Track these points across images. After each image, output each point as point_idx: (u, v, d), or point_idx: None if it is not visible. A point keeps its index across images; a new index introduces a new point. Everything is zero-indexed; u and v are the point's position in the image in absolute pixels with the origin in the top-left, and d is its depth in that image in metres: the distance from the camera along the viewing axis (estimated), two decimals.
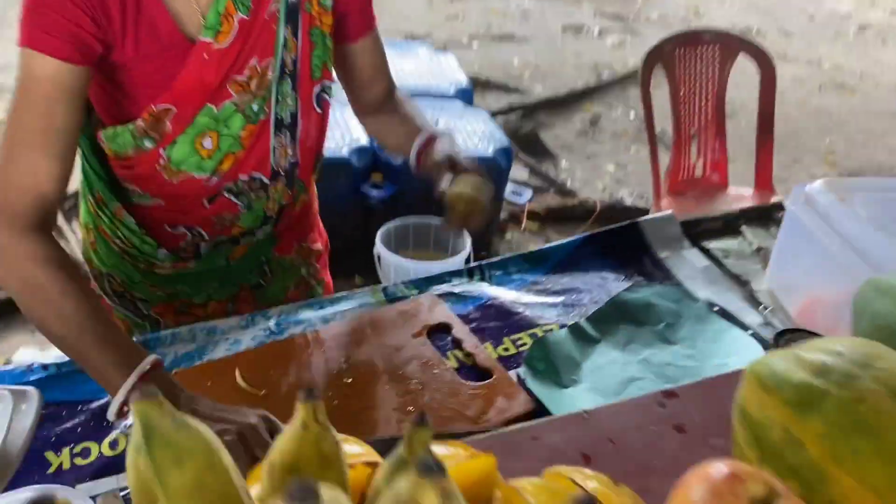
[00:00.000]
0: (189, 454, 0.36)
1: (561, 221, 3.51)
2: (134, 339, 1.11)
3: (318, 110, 1.16)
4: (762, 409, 0.50)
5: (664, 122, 2.82)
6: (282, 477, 0.40)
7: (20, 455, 0.78)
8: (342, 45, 1.17)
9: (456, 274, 1.26)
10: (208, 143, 1.05)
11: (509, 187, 3.10)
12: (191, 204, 1.11)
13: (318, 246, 1.36)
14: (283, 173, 1.15)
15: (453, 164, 1.13)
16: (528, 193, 3.04)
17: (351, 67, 1.20)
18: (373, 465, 0.49)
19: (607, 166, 4.06)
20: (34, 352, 2.52)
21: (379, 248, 2.72)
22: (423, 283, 1.24)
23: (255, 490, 0.43)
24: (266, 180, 1.13)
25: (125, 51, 0.97)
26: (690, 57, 2.72)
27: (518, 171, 3.77)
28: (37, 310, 0.87)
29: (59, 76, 0.90)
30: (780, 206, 1.49)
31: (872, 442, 0.47)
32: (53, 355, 2.55)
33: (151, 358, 0.86)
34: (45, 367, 1.04)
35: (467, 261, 2.85)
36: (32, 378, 1.02)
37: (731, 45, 2.73)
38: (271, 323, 1.14)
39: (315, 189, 1.32)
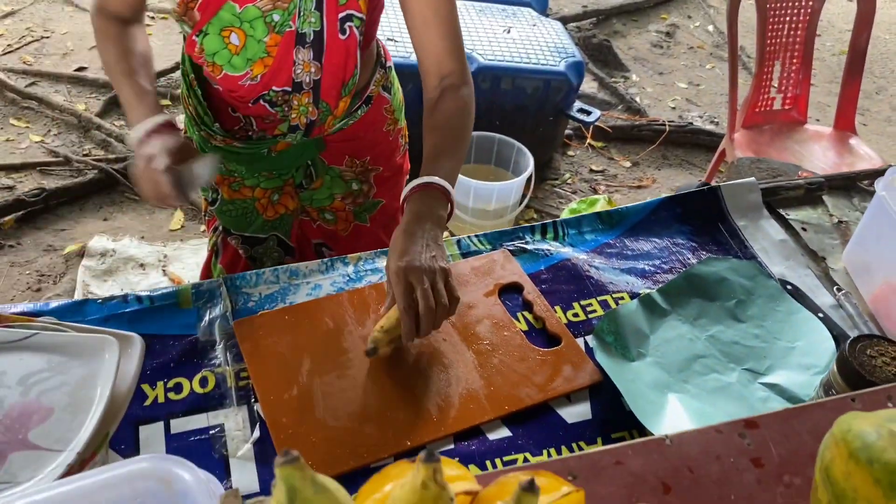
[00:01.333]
0: None
1: (627, 141, 3.44)
2: (231, 275, 1.17)
3: (342, 36, 1.16)
4: (849, 478, 0.52)
5: (743, 39, 2.66)
6: None
7: (127, 398, 0.85)
8: None
9: (528, 230, 1.27)
10: (235, 39, 1.12)
11: (577, 104, 3.03)
12: (237, 100, 1.23)
13: (381, 169, 1.41)
14: (305, 87, 1.19)
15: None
16: (595, 114, 2.97)
17: (405, 11, 1.16)
18: (471, 494, 0.53)
19: (680, 83, 3.93)
20: (106, 240, 2.63)
21: None
22: (496, 238, 1.25)
23: None
24: (289, 90, 1.19)
25: None
26: None
27: (587, 84, 3.67)
28: (101, 51, 1.20)
29: None
30: (865, 175, 1.45)
31: None
32: (124, 244, 2.63)
33: (162, 118, 1.10)
34: (139, 299, 1.10)
35: (528, 181, 2.84)
36: (128, 310, 1.08)
37: None
38: (350, 269, 1.18)
39: (392, 119, 1.39)
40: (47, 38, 3.64)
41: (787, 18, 2.62)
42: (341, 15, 1.15)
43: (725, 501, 0.60)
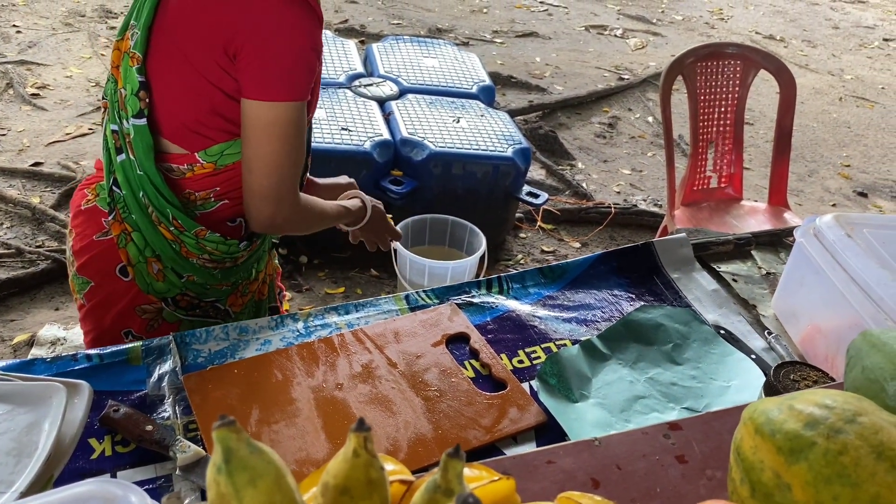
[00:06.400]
0: (262, 476, 0.43)
1: (575, 223, 3.56)
2: (181, 332, 1.18)
3: None
4: (756, 452, 0.56)
5: (682, 129, 2.85)
6: (334, 496, 0.46)
7: (73, 444, 0.85)
8: None
9: (475, 285, 1.32)
10: None
11: (526, 188, 3.15)
12: (240, 192, 1.22)
13: None
14: None
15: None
16: (543, 196, 3.09)
17: None
18: (406, 483, 0.55)
19: (623, 170, 4.11)
20: (56, 329, 2.60)
21: (395, 243, 2.79)
22: (444, 292, 1.30)
23: None
24: None
25: None
26: (712, 70, 2.75)
27: (535, 172, 3.82)
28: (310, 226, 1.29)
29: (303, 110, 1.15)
30: (790, 232, 1.54)
31: (851, 491, 0.53)
32: (75, 333, 2.59)
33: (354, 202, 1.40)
34: (88, 357, 1.10)
35: (482, 260, 2.92)
36: (77, 367, 1.09)
37: (752, 60, 2.77)
38: (300, 325, 1.21)
39: None
40: (3, 135, 3.68)
41: (717, 104, 2.81)
42: None
43: (651, 494, 0.62)
